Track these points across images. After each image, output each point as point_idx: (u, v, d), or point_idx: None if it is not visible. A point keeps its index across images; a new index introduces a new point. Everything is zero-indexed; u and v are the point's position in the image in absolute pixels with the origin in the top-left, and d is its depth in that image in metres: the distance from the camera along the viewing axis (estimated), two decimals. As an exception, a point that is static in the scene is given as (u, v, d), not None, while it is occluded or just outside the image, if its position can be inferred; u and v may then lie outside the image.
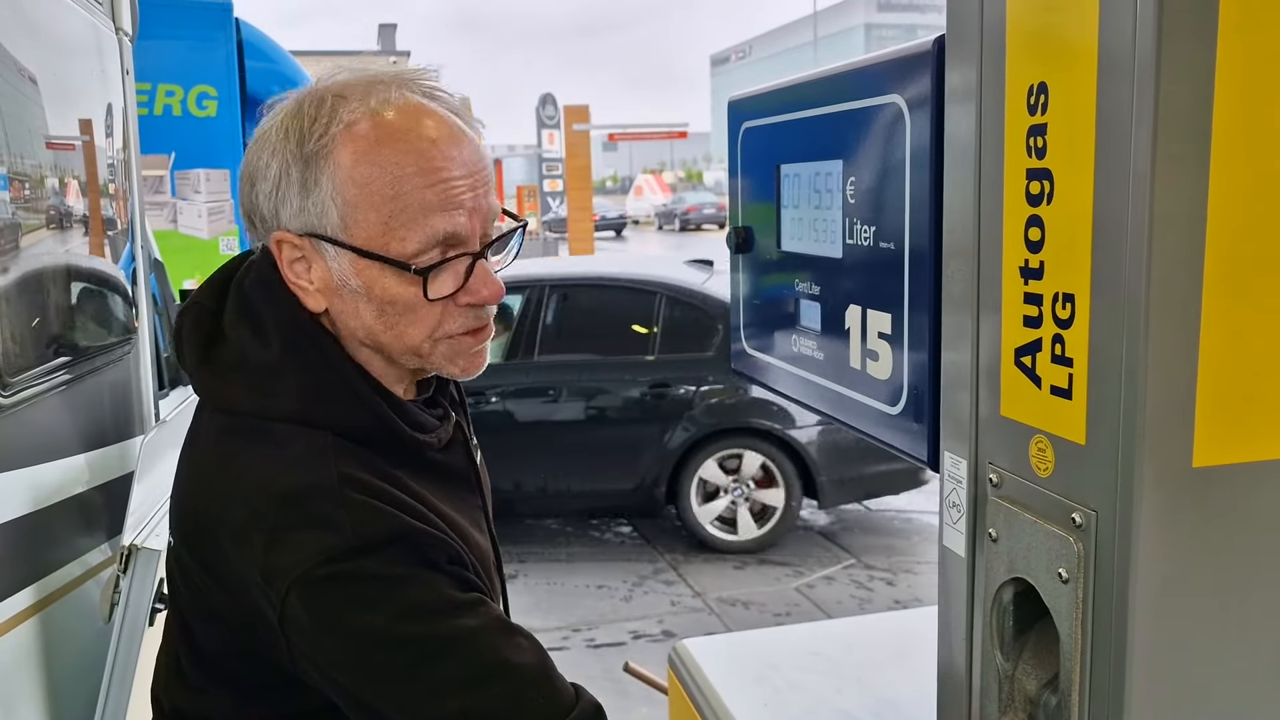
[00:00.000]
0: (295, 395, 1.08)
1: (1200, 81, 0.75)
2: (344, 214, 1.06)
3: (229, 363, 1.12)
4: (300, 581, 1.00)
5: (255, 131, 1.12)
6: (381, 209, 1.05)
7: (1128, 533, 0.81)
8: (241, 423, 1.10)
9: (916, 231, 1.10)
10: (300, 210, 1.07)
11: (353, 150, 1.04)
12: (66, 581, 1.94)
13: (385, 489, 1.06)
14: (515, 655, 1.05)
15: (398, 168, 1.04)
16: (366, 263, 1.07)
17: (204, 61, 8.91)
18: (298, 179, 1.06)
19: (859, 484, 5.94)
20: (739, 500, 5.93)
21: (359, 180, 1.04)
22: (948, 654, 1.09)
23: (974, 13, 0.95)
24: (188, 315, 1.16)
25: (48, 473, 1.89)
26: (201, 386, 1.14)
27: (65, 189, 2.08)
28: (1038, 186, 0.88)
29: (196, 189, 8.92)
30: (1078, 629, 0.88)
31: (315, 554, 1.00)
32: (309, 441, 1.06)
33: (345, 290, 1.09)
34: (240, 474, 1.07)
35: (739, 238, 1.57)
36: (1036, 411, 0.91)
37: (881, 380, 1.20)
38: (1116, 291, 0.80)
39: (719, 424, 5.90)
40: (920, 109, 1.07)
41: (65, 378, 1.97)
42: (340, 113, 1.06)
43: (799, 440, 5.80)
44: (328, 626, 1.02)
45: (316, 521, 1.02)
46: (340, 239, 1.07)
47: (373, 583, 1.02)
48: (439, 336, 1.11)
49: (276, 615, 1.02)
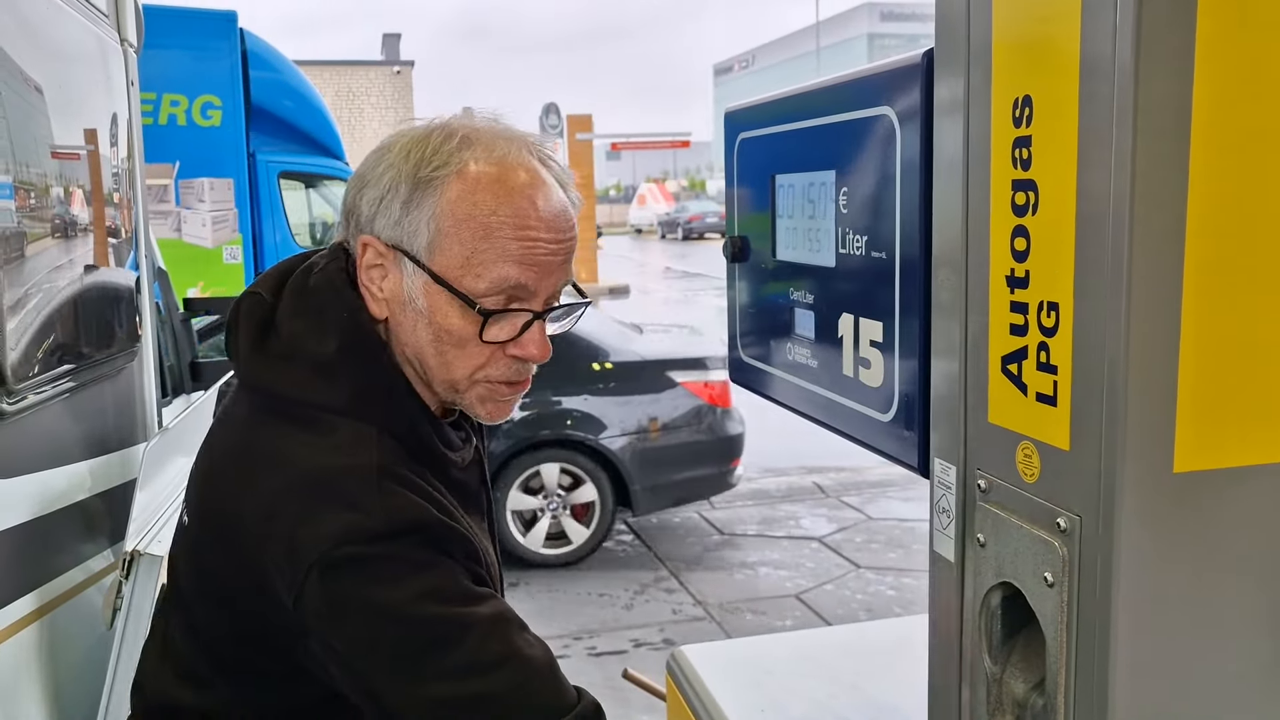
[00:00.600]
0: (347, 391, 1.14)
1: (1178, 95, 0.77)
2: (433, 239, 1.13)
3: (281, 353, 1.16)
4: (325, 559, 1.04)
5: (381, 142, 1.20)
6: (467, 245, 1.13)
7: (1110, 537, 0.83)
8: (288, 408, 1.14)
9: (907, 241, 1.12)
10: (396, 223, 1.15)
11: (461, 188, 1.13)
12: (70, 587, 1.96)
13: (420, 484, 1.11)
14: (525, 648, 1.09)
15: (494, 215, 1.13)
16: (438, 289, 1.14)
17: (209, 71, 8.96)
18: (404, 196, 1.14)
19: (671, 490, 5.97)
20: (559, 512, 5.83)
21: (458, 215, 1.13)
22: (938, 658, 1.10)
23: (961, 27, 0.97)
24: (244, 302, 1.21)
25: (52, 479, 1.91)
26: (250, 372, 1.19)
27: (70, 198, 2.10)
28: (1023, 197, 0.90)
29: (200, 198, 8.96)
30: (1063, 632, 0.89)
31: (343, 533, 1.04)
32: (355, 431, 1.12)
33: (410, 307, 1.16)
34: (280, 454, 1.12)
35: (735, 247, 1.58)
36: (1023, 418, 0.93)
37: (873, 388, 1.22)
38: (1098, 300, 0.82)
39: (530, 438, 5.74)
40: (910, 121, 1.09)
41: (69, 385, 1.99)
42: (464, 154, 1.14)
43: (611, 449, 5.76)
44: (347, 603, 1.05)
45: (349, 503, 1.06)
46: (422, 260, 1.14)
47: (394, 564, 1.05)
48: (479, 378, 1.18)
49: (294, 593, 1.05)
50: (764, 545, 6.25)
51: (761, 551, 6.14)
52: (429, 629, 1.05)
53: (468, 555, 1.12)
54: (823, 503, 7.04)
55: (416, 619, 1.05)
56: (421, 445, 1.17)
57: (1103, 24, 0.79)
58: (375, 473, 1.09)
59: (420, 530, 1.08)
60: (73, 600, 1.97)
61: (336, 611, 1.05)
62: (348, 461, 1.09)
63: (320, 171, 10.26)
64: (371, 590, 1.05)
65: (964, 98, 0.97)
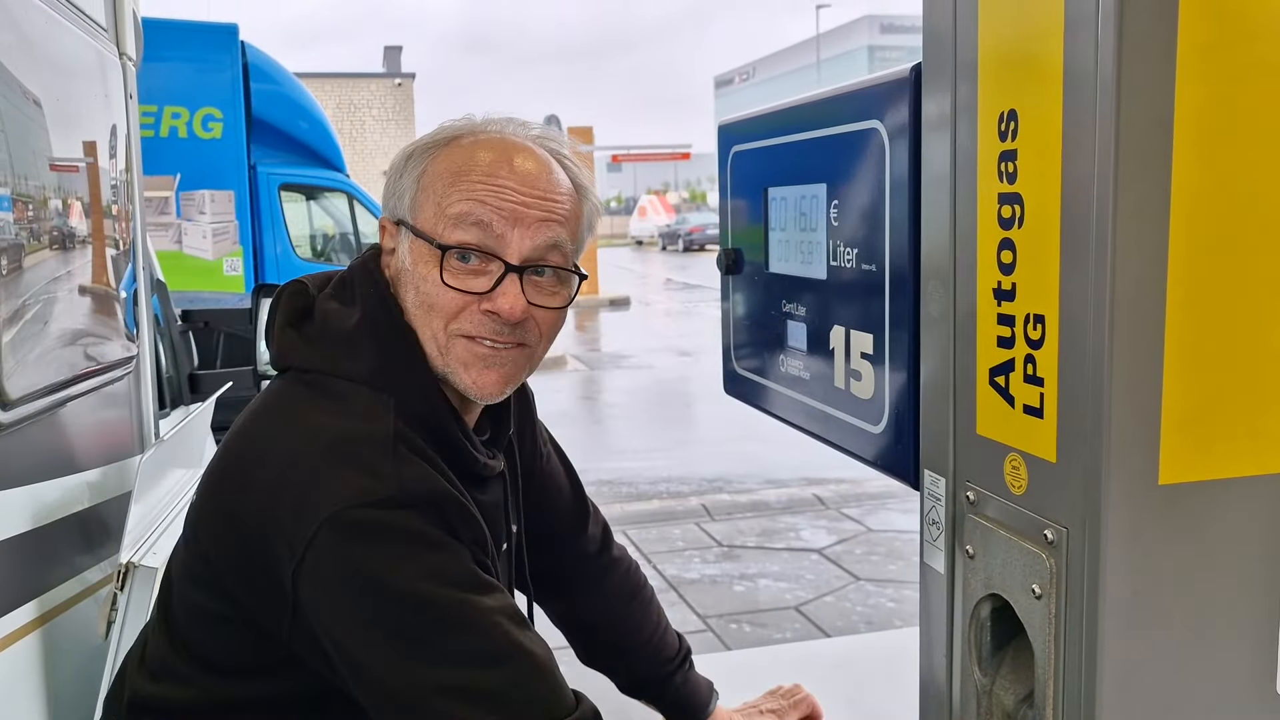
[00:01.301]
0: (368, 361, 1.15)
1: (1161, 109, 0.78)
2: (414, 197, 1.19)
3: (313, 335, 1.20)
4: (333, 520, 1.02)
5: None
6: (439, 193, 1.17)
7: (1096, 549, 0.83)
8: (312, 379, 1.17)
9: (896, 254, 1.12)
10: (393, 194, 1.22)
11: (448, 151, 1.20)
12: (67, 598, 1.96)
13: (433, 456, 1.12)
14: (528, 644, 1.06)
15: (467, 166, 1.17)
16: (418, 243, 1.18)
17: (210, 84, 9.00)
18: (399, 168, 1.23)
19: None
20: None
21: (436, 170, 1.19)
22: (929, 670, 1.10)
23: (948, 43, 0.97)
24: (287, 289, 1.25)
25: (48, 490, 1.91)
26: (281, 350, 1.21)
27: (68, 210, 2.11)
28: (1009, 211, 0.90)
29: (201, 210, 8.99)
30: (1050, 644, 0.89)
31: (355, 495, 1.04)
32: (373, 398, 1.13)
33: (405, 274, 1.19)
34: (298, 417, 1.13)
35: (729, 259, 1.59)
36: (1010, 430, 0.93)
37: (865, 400, 1.22)
38: (1083, 313, 0.82)
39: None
40: (899, 134, 1.10)
41: (66, 396, 2.00)
42: (462, 129, 1.22)
43: None
44: (350, 572, 1.03)
45: (363, 466, 1.06)
46: (406, 219, 1.20)
47: (405, 536, 1.04)
48: (454, 331, 1.17)
49: (297, 558, 1.03)
50: (764, 557, 6.24)
51: (761, 563, 6.13)
52: (434, 610, 1.03)
53: (475, 540, 1.11)
54: (823, 514, 7.03)
55: (418, 599, 1.03)
56: (441, 426, 1.16)
57: (1085, 40, 0.79)
58: (391, 439, 1.09)
59: (433, 503, 1.07)
60: (69, 611, 1.97)
61: (339, 576, 1.02)
62: (363, 427, 1.10)
63: (321, 183, 10.28)
64: (378, 560, 1.03)
65: (951, 112, 0.98)
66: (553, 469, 1.54)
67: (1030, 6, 0.86)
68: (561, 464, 1.57)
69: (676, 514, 6.95)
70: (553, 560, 1.54)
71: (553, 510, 1.53)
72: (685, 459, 8.40)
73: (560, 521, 1.55)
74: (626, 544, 6.82)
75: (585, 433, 9.82)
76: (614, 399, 11.70)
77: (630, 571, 1.63)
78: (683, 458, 8.44)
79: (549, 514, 1.52)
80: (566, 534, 1.56)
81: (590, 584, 1.59)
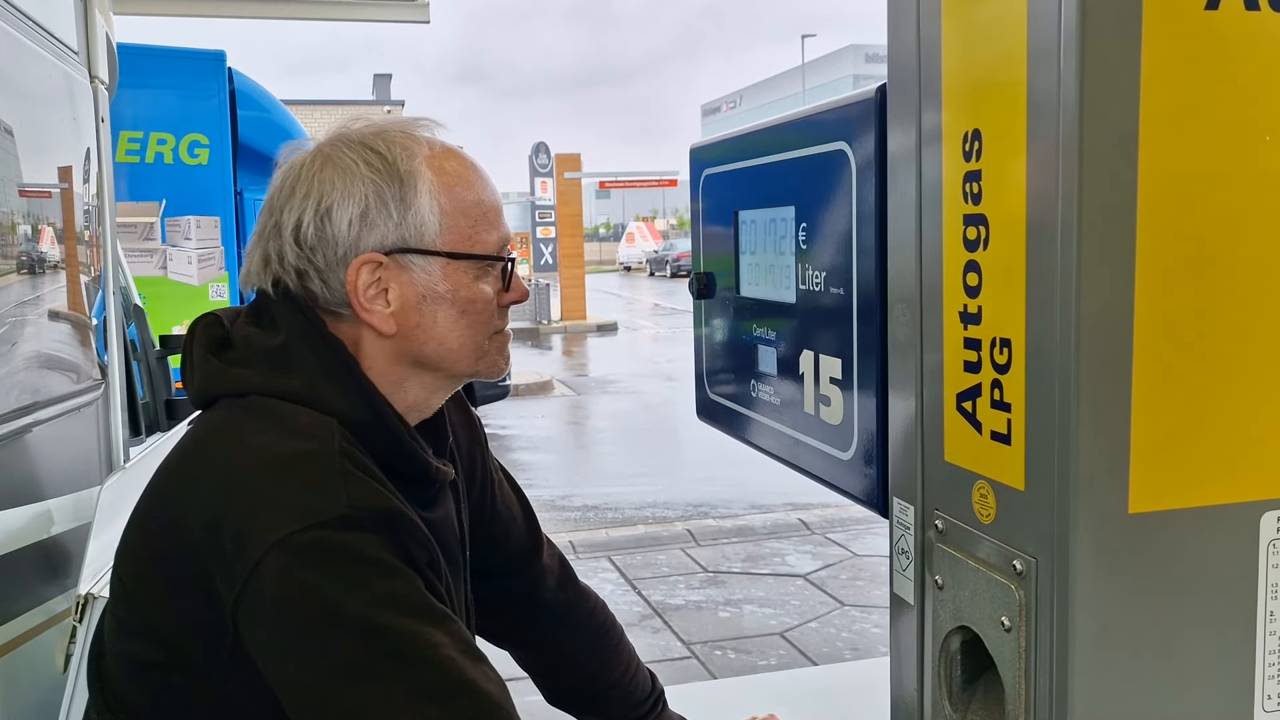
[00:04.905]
0: (302, 379, 1.12)
1: (1124, 127, 0.76)
2: (441, 221, 1.17)
3: (236, 359, 1.16)
4: (283, 544, 0.97)
5: (284, 184, 1.22)
6: (469, 214, 1.19)
7: (1066, 579, 0.81)
8: (248, 402, 1.12)
9: (864, 276, 1.10)
10: (399, 224, 1.16)
11: (438, 170, 1.19)
12: (27, 629, 1.92)
13: (379, 474, 1.08)
14: (482, 681, 1.01)
15: (472, 187, 1.21)
16: (455, 265, 1.18)
17: (196, 110, 8.98)
18: (396, 196, 1.16)
19: None
20: None
21: (452, 194, 1.19)
22: (900, 703, 1.07)
23: (912, 63, 0.96)
24: (201, 321, 1.22)
25: (10, 518, 1.87)
26: (206, 379, 1.16)
27: (38, 235, 2.08)
28: (974, 232, 0.88)
29: (187, 236, 8.94)
30: (1021, 678, 0.86)
31: (305, 517, 0.99)
32: (314, 418, 1.09)
33: (428, 301, 1.17)
34: (234, 440, 1.08)
35: (700, 283, 1.57)
36: (978, 457, 0.91)
37: (834, 425, 1.20)
38: (1050, 336, 0.80)
39: None
40: (865, 156, 1.08)
41: (31, 422, 1.96)
42: (415, 145, 1.20)
43: None
44: (298, 598, 0.98)
45: (310, 486, 1.02)
46: (436, 246, 1.17)
47: (358, 559, 1.00)
48: (492, 333, 1.23)
49: (238, 588, 0.98)
50: (749, 582, 6.19)
51: (746, 589, 6.08)
52: (385, 641, 0.98)
53: (429, 563, 1.07)
54: (808, 539, 6.99)
55: (373, 627, 0.98)
56: (392, 433, 1.13)
57: (1047, 65, 0.78)
58: (337, 455, 1.04)
59: (387, 522, 1.02)
60: (31, 642, 1.92)
61: (286, 603, 0.98)
62: (306, 446, 1.05)
63: (306, 209, 10.26)
64: (329, 585, 0.98)
65: (916, 132, 0.96)
66: (505, 496, 1.51)
67: (994, 27, 0.84)
68: (514, 492, 1.54)
69: (662, 539, 6.90)
70: (509, 591, 1.51)
71: (506, 537, 1.51)
72: (671, 484, 8.35)
73: (515, 549, 1.52)
74: (611, 569, 6.77)
75: (571, 458, 9.76)
76: (600, 424, 11.66)
77: (596, 610, 1.59)
78: (668, 483, 8.40)
79: (503, 541, 1.49)
80: (520, 563, 1.53)
81: (553, 622, 1.55)
